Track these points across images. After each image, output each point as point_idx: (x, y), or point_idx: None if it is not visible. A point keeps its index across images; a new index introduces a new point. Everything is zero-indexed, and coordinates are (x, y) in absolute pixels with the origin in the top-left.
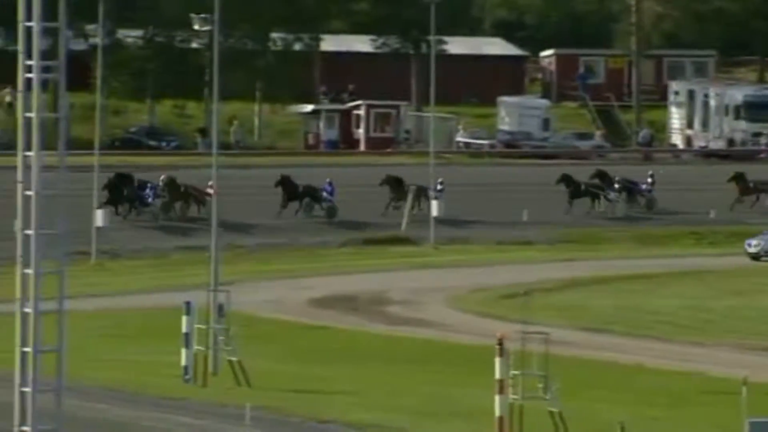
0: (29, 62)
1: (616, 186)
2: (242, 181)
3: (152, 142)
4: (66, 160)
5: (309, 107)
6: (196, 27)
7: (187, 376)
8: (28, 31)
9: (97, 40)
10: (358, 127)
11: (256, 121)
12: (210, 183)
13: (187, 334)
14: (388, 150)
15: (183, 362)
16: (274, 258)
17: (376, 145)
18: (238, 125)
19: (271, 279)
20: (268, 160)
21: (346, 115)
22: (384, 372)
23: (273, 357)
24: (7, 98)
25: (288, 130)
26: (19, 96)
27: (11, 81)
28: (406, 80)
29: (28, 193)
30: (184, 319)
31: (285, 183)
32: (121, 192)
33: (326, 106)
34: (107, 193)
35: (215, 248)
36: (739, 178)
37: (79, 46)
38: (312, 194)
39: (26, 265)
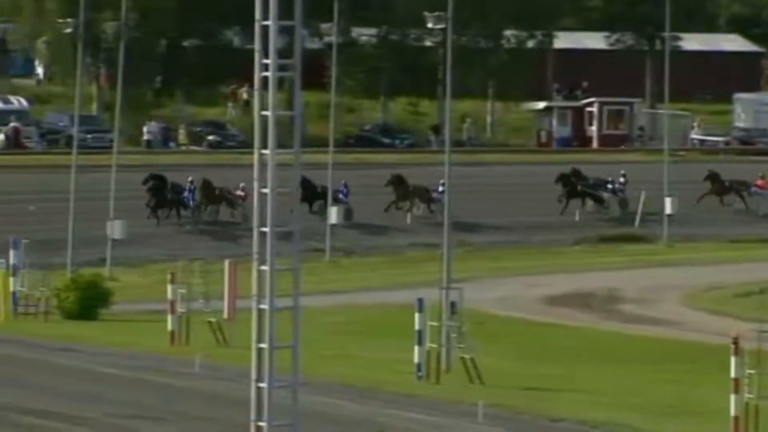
0: (265, 61)
1: (609, 186)
2: (474, 179)
3: (386, 140)
4: (301, 158)
5: (541, 104)
6: (430, 25)
7: (420, 373)
8: (265, 30)
9: (332, 39)
10: (590, 124)
11: (489, 119)
12: (242, 185)
13: (419, 332)
14: (621, 147)
15: (416, 359)
16: (506, 256)
17: (609, 142)
18: (471, 123)
19: (504, 276)
20: (500, 157)
21: (579, 112)
22: (617, 370)
23: (505, 354)
24: (244, 96)
25: (520, 128)
26: (256, 94)
27: (248, 79)
28: (639, 77)
29: (264, 190)
30: (416, 316)
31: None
32: (165, 195)
33: (559, 103)
34: (151, 196)
35: (447, 246)
36: (713, 177)
37: (314, 44)
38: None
39: (262, 262)
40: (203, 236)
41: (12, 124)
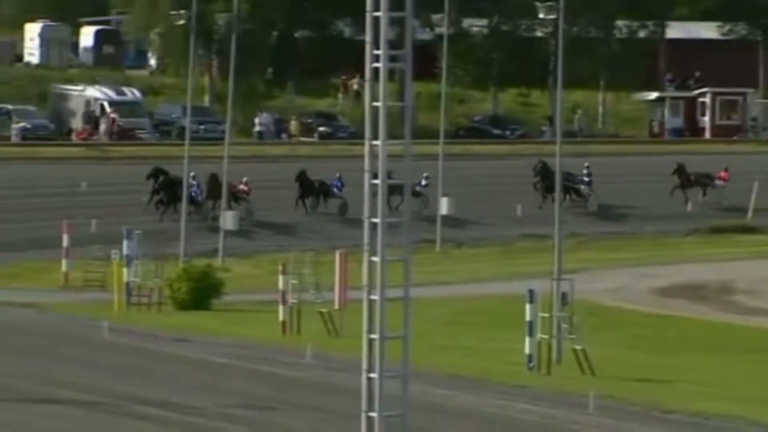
0: (376, 52)
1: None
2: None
3: (496, 131)
4: (412, 149)
5: (653, 95)
6: (541, 15)
7: (530, 364)
8: (376, 21)
9: (443, 30)
10: (703, 114)
11: (600, 109)
12: (245, 179)
13: (530, 323)
14: (734, 138)
15: (527, 350)
16: (618, 246)
17: (721, 132)
18: (582, 113)
19: (615, 267)
20: (612, 148)
21: (691, 102)
22: (730, 362)
23: (616, 345)
24: (355, 87)
25: (632, 118)
26: (366, 85)
27: (359, 70)
28: (752, 67)
29: (375, 181)
30: (527, 307)
31: (680, 172)
32: (175, 190)
33: (671, 93)
34: (163, 193)
35: (558, 237)
36: (680, 170)
37: (425, 35)
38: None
39: (373, 253)
40: (318, 227)
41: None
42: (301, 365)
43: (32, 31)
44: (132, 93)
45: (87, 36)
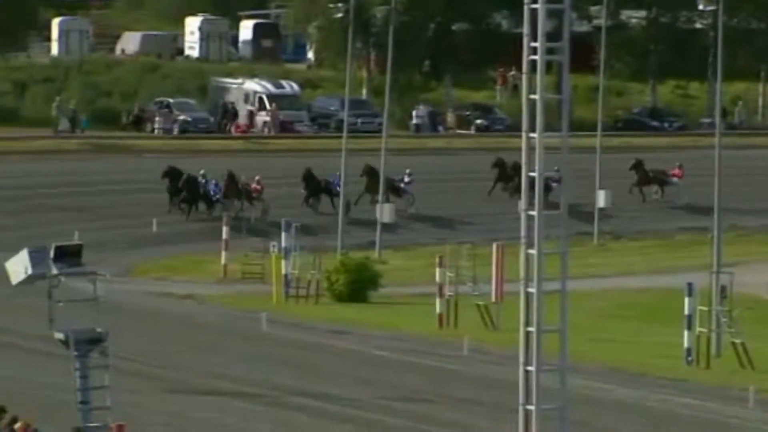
0: (534, 44)
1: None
2: (746, 162)
3: (655, 123)
4: (569, 142)
5: None
6: (701, 7)
7: (689, 358)
8: (534, 13)
9: (601, 22)
10: None
11: (760, 101)
12: (257, 178)
13: (689, 316)
14: None
15: (685, 344)
16: None
17: None
18: (743, 105)
19: None
20: None
21: None
22: None
23: None
24: (512, 80)
25: None
26: (524, 78)
27: (516, 63)
28: None
29: (532, 174)
30: (686, 300)
31: (638, 168)
32: (197, 189)
33: None
34: (185, 194)
35: (718, 230)
36: (638, 166)
37: (583, 27)
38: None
39: (530, 245)
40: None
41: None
42: (458, 358)
43: (192, 25)
44: (290, 86)
45: (246, 29)
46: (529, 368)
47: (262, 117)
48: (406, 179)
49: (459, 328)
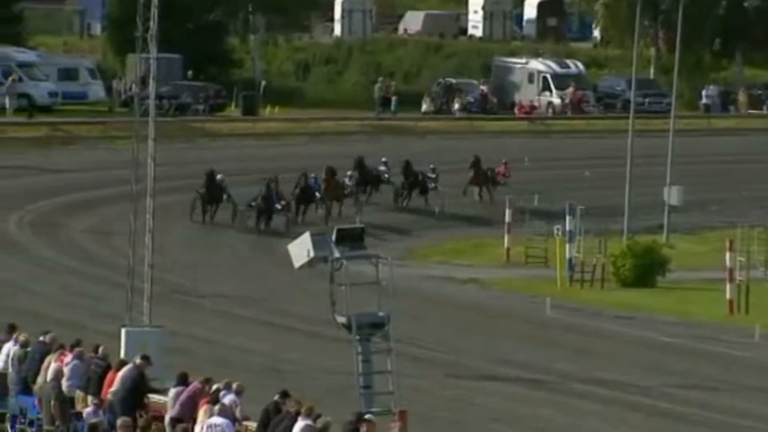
0: None
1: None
2: None
3: None
4: None
5: None
6: None
7: None
8: None
9: None
10: None
11: None
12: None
13: None
14: None
15: None
16: None
17: None
18: None
19: None
20: None
21: None
22: None
23: None
24: None
25: None
26: None
27: None
28: None
29: None
30: None
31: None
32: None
33: None
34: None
35: None
36: (475, 164)
37: None
38: None
39: None
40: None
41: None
42: (748, 345)
43: (476, 4)
44: (575, 65)
45: (530, 8)
46: None
47: (546, 98)
48: (432, 175)
49: (750, 315)
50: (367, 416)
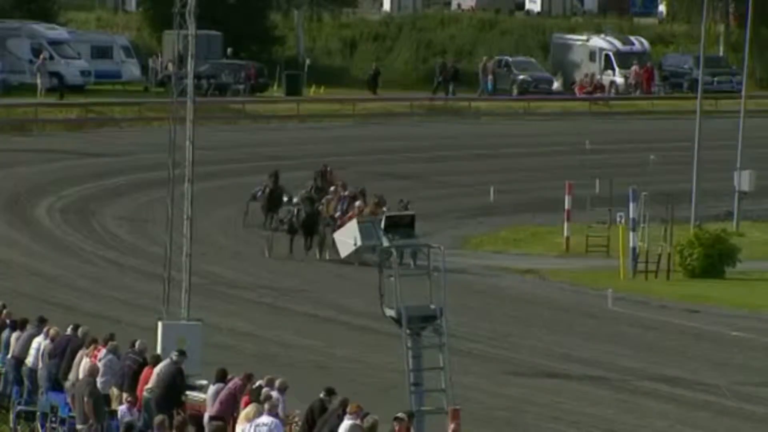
0: None
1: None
2: None
3: None
4: None
5: None
6: None
7: None
8: None
9: None
10: None
11: None
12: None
13: None
14: None
15: None
16: None
17: None
18: None
19: None
20: None
21: None
22: None
23: None
24: None
25: None
26: None
27: None
28: None
29: None
30: None
31: None
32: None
33: None
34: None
35: None
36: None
37: None
38: None
39: None
40: None
41: (634, 67)
42: None
43: None
44: (639, 42)
45: None
46: None
47: (609, 77)
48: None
49: None
50: (399, 414)
